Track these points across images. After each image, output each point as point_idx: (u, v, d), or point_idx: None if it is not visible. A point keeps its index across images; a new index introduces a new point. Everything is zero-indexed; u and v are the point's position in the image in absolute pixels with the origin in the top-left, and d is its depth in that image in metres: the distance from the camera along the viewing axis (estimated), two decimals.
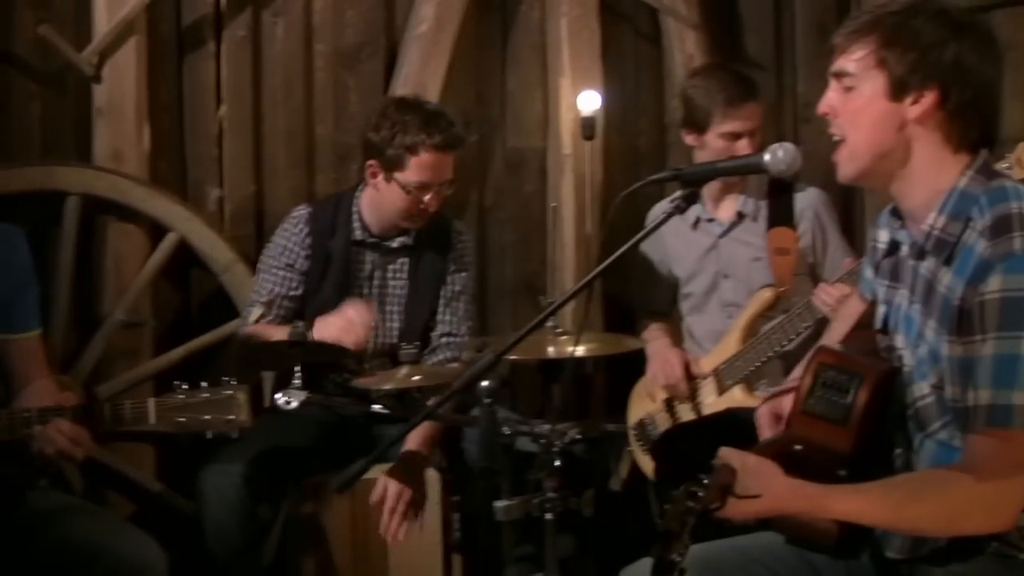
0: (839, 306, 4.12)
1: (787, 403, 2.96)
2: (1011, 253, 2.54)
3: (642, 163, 5.92)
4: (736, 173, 3.16)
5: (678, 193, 2.97)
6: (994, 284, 2.53)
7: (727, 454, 2.63)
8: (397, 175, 4.41)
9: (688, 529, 2.39)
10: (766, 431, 3.07)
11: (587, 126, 5.32)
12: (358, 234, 4.56)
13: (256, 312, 4.37)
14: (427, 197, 4.44)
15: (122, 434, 4.59)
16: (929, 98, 2.69)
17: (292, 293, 4.52)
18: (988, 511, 2.57)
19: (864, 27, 2.75)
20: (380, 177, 4.46)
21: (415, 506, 4.23)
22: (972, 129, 2.72)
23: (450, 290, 4.65)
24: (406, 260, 4.61)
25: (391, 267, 4.61)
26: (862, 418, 2.77)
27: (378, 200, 4.51)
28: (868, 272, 3.11)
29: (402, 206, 4.46)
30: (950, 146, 2.72)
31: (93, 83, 4.84)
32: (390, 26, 5.44)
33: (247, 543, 4.19)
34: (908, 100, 2.70)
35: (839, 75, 2.78)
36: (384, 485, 4.22)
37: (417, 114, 4.42)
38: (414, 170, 4.39)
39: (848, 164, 2.80)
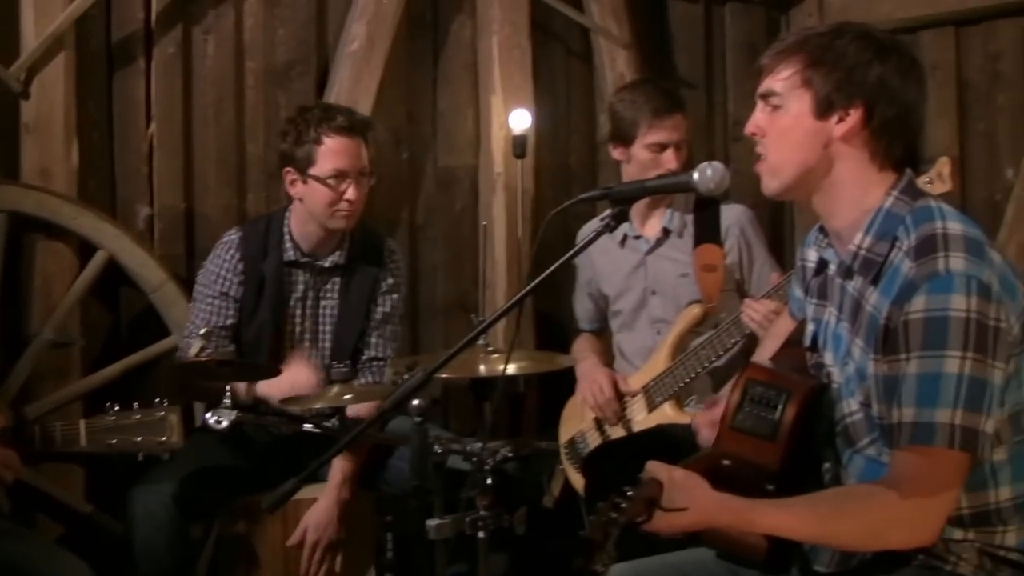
0: (766, 322, 4.16)
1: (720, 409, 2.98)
2: (935, 273, 2.57)
3: (573, 181, 5.94)
4: (665, 191, 3.18)
5: (608, 211, 2.98)
6: (918, 304, 2.56)
7: (654, 468, 2.65)
8: (311, 171, 4.39)
9: (612, 540, 2.40)
10: (707, 437, 3.09)
11: (518, 144, 5.33)
12: (290, 254, 4.53)
13: (196, 345, 4.33)
14: (345, 187, 4.41)
15: (51, 455, 4.56)
16: (854, 116, 2.72)
17: (229, 322, 4.48)
18: (912, 526, 2.60)
19: (790, 48, 2.78)
20: (299, 183, 4.44)
21: (334, 548, 4.25)
22: (896, 147, 2.75)
23: (380, 311, 4.63)
24: (338, 279, 4.58)
25: (324, 287, 4.59)
26: (790, 434, 2.79)
27: (304, 211, 4.48)
28: (797, 291, 3.14)
29: (324, 202, 4.42)
30: (875, 164, 2.75)
31: (21, 99, 4.80)
32: (321, 44, 5.43)
33: (178, 564, 4.15)
34: (834, 118, 2.73)
35: (766, 95, 2.81)
36: (303, 529, 4.24)
37: (317, 108, 4.48)
38: (324, 160, 4.38)
39: (772, 178, 2.83)
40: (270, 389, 4.19)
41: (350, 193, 4.42)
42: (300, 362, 4.32)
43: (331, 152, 4.39)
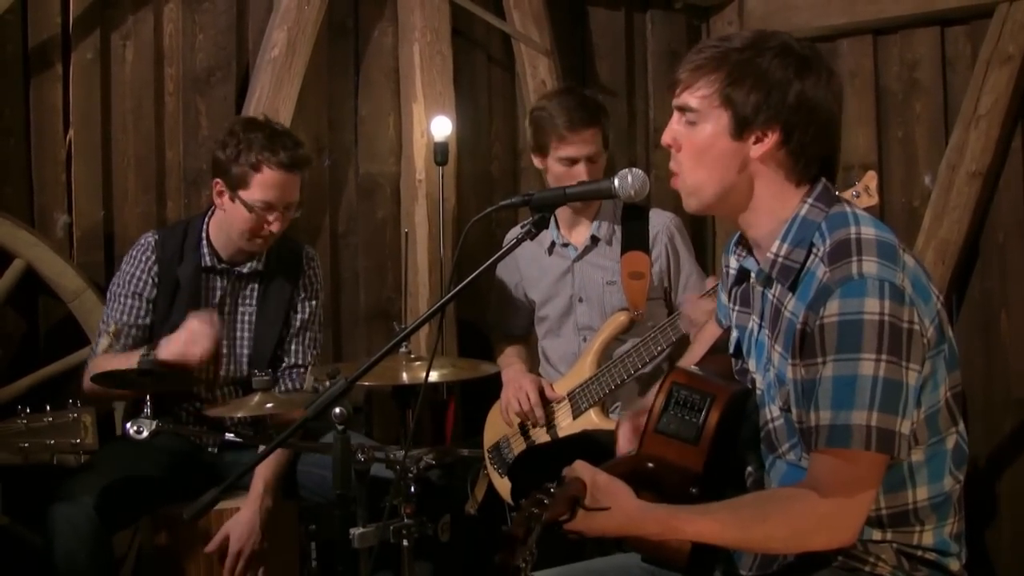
0: (703, 319, 4.18)
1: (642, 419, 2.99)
2: (849, 277, 2.59)
3: (495, 188, 5.95)
4: (585, 198, 3.18)
5: (530, 219, 2.98)
6: (832, 308, 2.58)
7: (580, 467, 2.65)
8: (241, 193, 4.35)
9: (533, 536, 2.40)
10: (624, 446, 3.09)
11: (440, 151, 5.34)
12: (207, 260, 4.50)
13: (104, 342, 4.30)
14: (271, 218, 4.38)
15: None
16: (771, 138, 2.73)
17: (140, 322, 4.44)
18: (831, 528, 2.62)
19: (709, 63, 2.77)
20: (226, 197, 4.39)
21: (257, 558, 4.22)
22: (813, 165, 2.77)
23: (299, 318, 4.62)
24: (256, 286, 4.56)
25: (241, 293, 4.56)
26: (713, 437, 2.80)
27: (224, 222, 4.45)
28: (723, 298, 3.15)
29: (245, 227, 4.40)
30: (791, 181, 2.77)
31: None
32: (241, 50, 5.40)
33: (99, 573, 4.10)
34: (751, 139, 2.74)
35: (683, 109, 2.81)
36: (225, 535, 4.21)
37: (263, 133, 4.38)
38: (258, 188, 4.34)
39: (692, 198, 2.84)
40: (169, 349, 4.14)
41: (274, 225, 4.40)
42: (197, 318, 4.26)
43: (266, 184, 4.35)
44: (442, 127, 5.34)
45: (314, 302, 4.66)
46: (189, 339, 4.13)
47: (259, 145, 4.32)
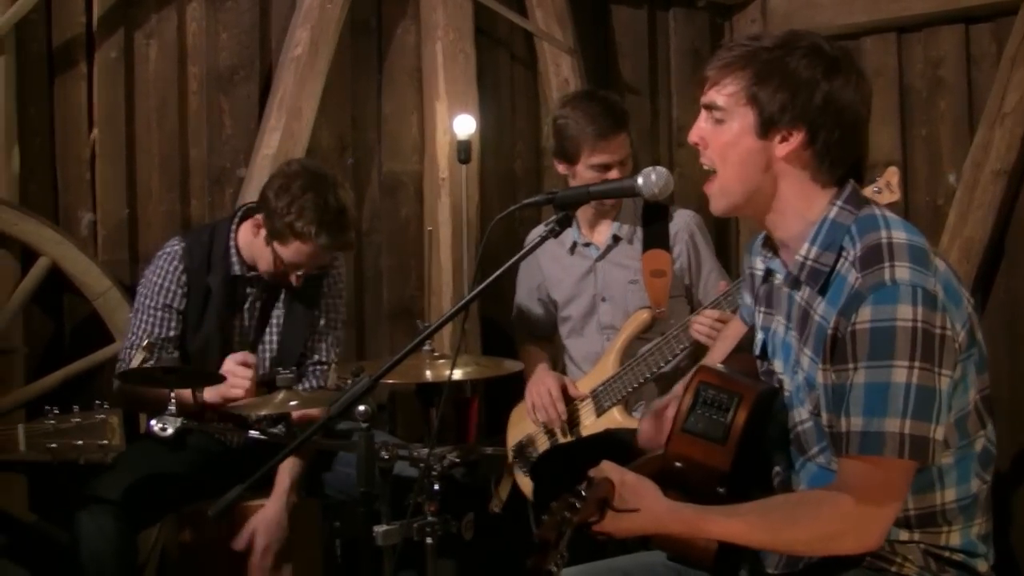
0: (714, 332, 4.18)
1: (670, 414, 2.98)
2: (881, 283, 2.57)
3: (518, 186, 5.94)
4: (609, 196, 3.17)
5: (553, 217, 2.98)
6: (865, 314, 2.57)
7: (608, 468, 2.65)
8: (277, 245, 4.34)
9: (564, 539, 2.40)
10: (645, 443, 3.09)
11: (463, 150, 5.33)
12: (237, 270, 4.49)
13: (138, 357, 4.29)
14: (296, 274, 4.41)
15: None
16: (796, 139, 2.72)
17: (172, 333, 4.44)
18: (859, 533, 2.62)
19: (737, 61, 2.76)
20: (263, 233, 4.38)
21: (284, 550, 4.23)
22: (838, 167, 2.76)
23: (324, 317, 4.63)
24: (284, 289, 4.55)
25: (271, 298, 4.57)
26: (740, 437, 2.80)
27: (253, 246, 4.46)
28: (747, 298, 3.14)
29: (269, 269, 4.42)
30: (817, 183, 2.76)
31: None
32: (265, 49, 5.40)
33: (124, 572, 4.12)
34: (776, 139, 2.73)
35: (709, 107, 2.80)
36: (252, 532, 4.21)
37: (318, 204, 4.29)
38: (292, 252, 4.33)
39: (719, 199, 2.83)
40: (214, 395, 4.16)
41: (295, 279, 4.42)
42: (234, 360, 4.27)
43: (303, 252, 4.33)
44: (465, 125, 5.33)
45: (338, 300, 4.67)
46: (229, 382, 4.16)
47: (309, 218, 4.26)
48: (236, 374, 4.18)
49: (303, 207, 4.26)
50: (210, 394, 4.13)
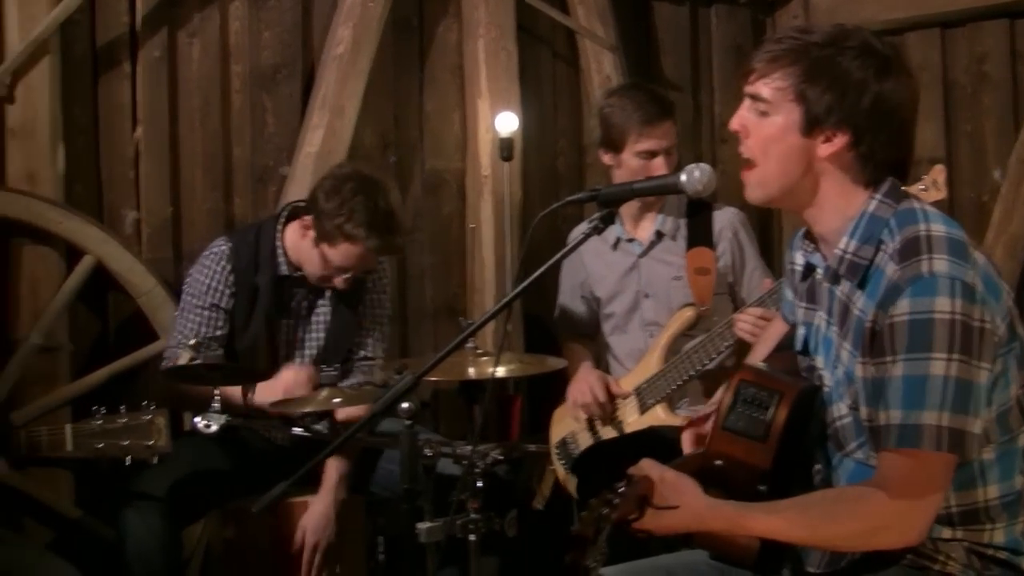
0: (757, 330, 4.17)
1: (709, 424, 2.97)
2: (919, 276, 2.56)
3: (561, 184, 5.94)
4: (653, 193, 3.16)
5: (597, 214, 2.97)
6: (903, 307, 2.56)
7: (647, 465, 2.65)
8: (325, 247, 4.36)
9: (602, 536, 2.40)
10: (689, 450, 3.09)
11: (505, 147, 5.34)
12: (284, 270, 4.52)
13: (185, 355, 4.31)
14: (343, 277, 4.42)
15: (39, 460, 4.54)
16: (840, 140, 2.70)
17: (218, 332, 4.47)
18: (900, 528, 2.61)
19: (786, 55, 2.73)
20: (311, 234, 4.40)
21: (332, 549, 4.24)
22: (882, 169, 2.73)
23: (369, 314, 4.64)
24: (331, 289, 4.56)
25: (318, 297, 4.59)
26: (781, 435, 2.79)
27: (300, 248, 4.48)
28: (789, 294, 3.13)
29: (317, 273, 4.44)
30: (859, 183, 2.74)
31: (6, 103, 4.77)
32: (307, 47, 5.42)
33: (169, 568, 4.16)
34: (820, 138, 2.71)
35: (754, 97, 2.79)
36: (302, 533, 4.23)
37: (368, 207, 4.32)
38: (341, 254, 4.35)
39: (756, 189, 2.82)
40: (264, 395, 4.17)
41: (341, 283, 4.44)
42: (293, 366, 4.30)
43: (351, 255, 4.36)
44: (507, 123, 5.34)
45: (383, 296, 4.69)
46: (288, 391, 4.18)
47: (360, 221, 4.29)
48: (293, 384, 4.21)
49: (353, 209, 4.29)
50: (262, 398, 4.14)
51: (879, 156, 2.72)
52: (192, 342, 4.30)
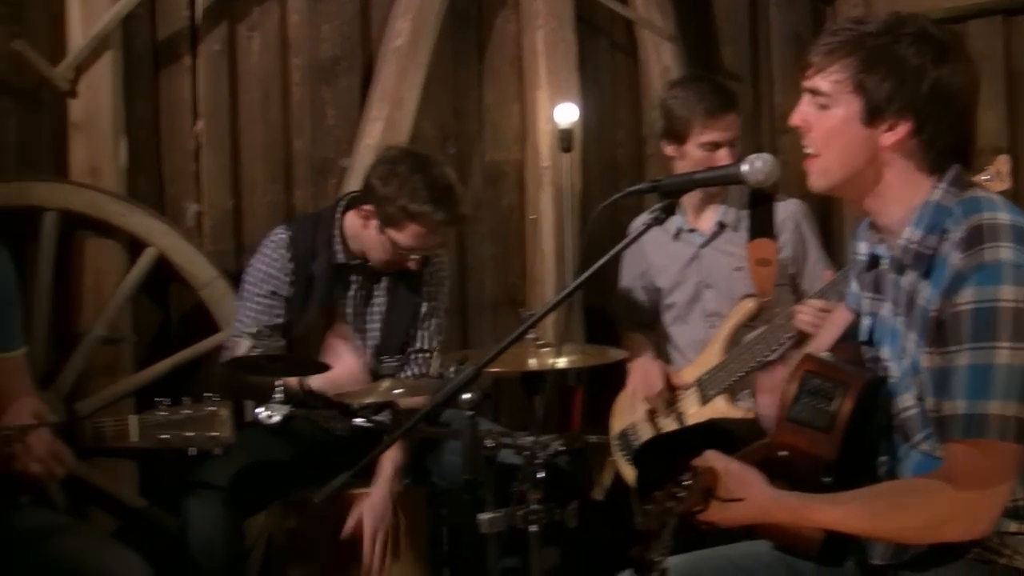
0: (818, 322, 4.15)
1: (779, 372, 2.97)
2: (983, 264, 2.54)
3: (620, 175, 5.94)
4: (714, 184, 3.15)
5: (657, 204, 2.97)
6: (966, 295, 2.54)
7: (712, 457, 2.65)
8: (391, 231, 4.36)
9: (668, 529, 2.40)
10: (764, 394, 3.09)
11: (565, 138, 5.34)
12: (340, 258, 4.52)
13: (245, 344, 4.34)
14: (413, 258, 4.43)
15: (104, 450, 4.59)
16: (903, 128, 2.68)
17: (278, 321, 4.47)
18: (966, 519, 2.59)
19: (843, 47, 2.72)
20: (373, 223, 4.40)
21: (391, 535, 4.25)
22: (946, 156, 2.72)
23: (425, 305, 4.64)
24: (387, 278, 4.58)
25: (375, 287, 4.59)
26: (846, 426, 2.78)
27: (363, 237, 4.47)
28: (853, 284, 3.11)
29: (385, 258, 4.45)
30: (923, 171, 2.72)
31: (69, 98, 4.81)
32: (366, 40, 5.44)
33: (232, 558, 4.20)
34: (882, 127, 2.69)
35: (814, 92, 2.78)
36: (361, 516, 4.23)
37: (427, 183, 4.33)
38: (409, 236, 4.35)
39: (820, 178, 2.81)
40: (320, 382, 4.19)
41: (412, 263, 4.46)
42: (344, 353, 4.31)
43: (419, 235, 4.35)
44: (567, 114, 5.34)
45: (440, 288, 4.69)
46: (341, 376, 4.19)
47: (422, 198, 4.29)
48: (347, 366, 4.22)
49: (414, 188, 4.29)
50: (318, 382, 4.16)
51: (942, 143, 2.70)
52: (253, 330, 4.33)
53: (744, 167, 2.89)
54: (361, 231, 4.46)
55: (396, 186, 4.31)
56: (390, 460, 4.27)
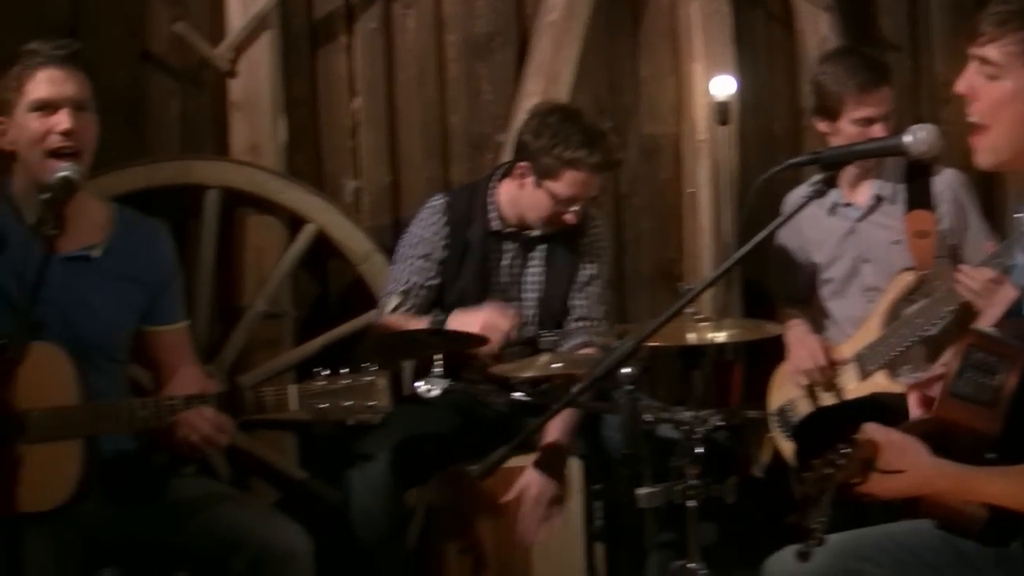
0: (984, 291, 4.07)
1: (936, 388, 2.92)
2: None
3: (778, 148, 5.86)
4: (876, 155, 3.13)
5: (817, 177, 2.94)
6: None
7: (872, 429, 2.62)
8: (548, 183, 4.38)
9: (827, 497, 2.38)
10: (915, 412, 3.04)
11: (721, 111, 5.30)
12: (495, 225, 4.55)
13: (393, 302, 4.38)
14: (572, 210, 4.43)
15: (265, 422, 4.68)
16: None
17: (429, 283, 4.52)
18: None
19: (1018, 17, 2.67)
20: (529, 180, 4.43)
21: (554, 504, 4.25)
22: None
23: (584, 275, 4.63)
24: (543, 248, 4.59)
25: (529, 256, 4.61)
26: (1011, 401, 2.72)
27: (520, 199, 4.50)
28: (1020, 258, 3.05)
29: (544, 214, 4.46)
30: None
31: (228, 78, 4.92)
32: (520, 15, 5.45)
33: (392, 529, 4.25)
34: None
35: (983, 60, 2.72)
36: (523, 485, 4.24)
37: (580, 129, 4.37)
38: (567, 184, 4.37)
39: (988, 154, 2.76)
40: (459, 326, 4.23)
41: (571, 216, 4.45)
42: (496, 310, 4.32)
43: (577, 182, 4.37)
44: (723, 86, 5.30)
45: (600, 258, 4.69)
46: (484, 328, 4.19)
47: (576, 143, 4.33)
48: (491, 323, 4.22)
49: (568, 135, 4.33)
50: (458, 325, 4.19)
51: None
52: (402, 288, 4.38)
53: (907, 138, 2.86)
54: (518, 193, 4.49)
55: (549, 136, 4.35)
56: (552, 433, 4.28)
